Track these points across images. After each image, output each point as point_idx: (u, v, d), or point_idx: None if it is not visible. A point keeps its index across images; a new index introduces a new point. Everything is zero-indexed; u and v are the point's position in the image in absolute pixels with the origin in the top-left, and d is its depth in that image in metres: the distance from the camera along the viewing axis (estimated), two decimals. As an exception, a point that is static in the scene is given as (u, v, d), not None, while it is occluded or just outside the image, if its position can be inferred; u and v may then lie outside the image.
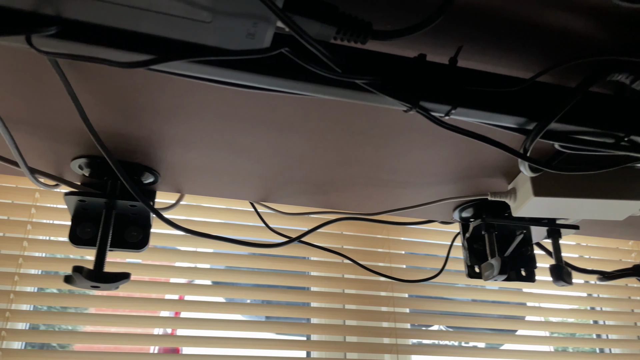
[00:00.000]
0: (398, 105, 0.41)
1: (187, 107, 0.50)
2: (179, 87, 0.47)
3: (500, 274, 0.70)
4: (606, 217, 0.66)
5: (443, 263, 1.14)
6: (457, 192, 0.70)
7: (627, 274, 0.85)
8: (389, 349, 1.02)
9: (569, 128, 0.45)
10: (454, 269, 1.15)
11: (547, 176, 0.61)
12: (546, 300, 1.23)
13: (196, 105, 0.50)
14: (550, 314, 1.22)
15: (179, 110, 0.50)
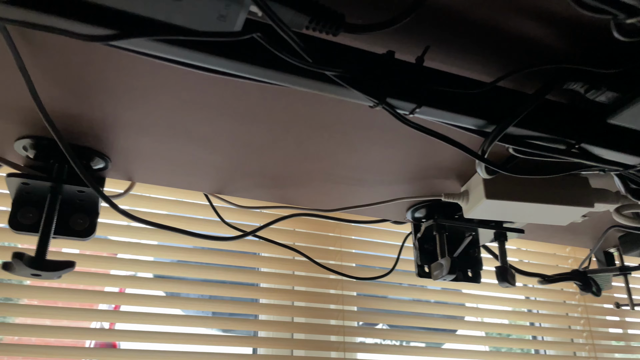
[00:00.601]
0: (365, 100, 0.41)
1: (146, 90, 0.48)
2: (140, 68, 0.45)
3: (449, 274, 0.71)
4: (551, 221, 0.69)
5: (394, 263, 1.15)
6: (412, 192, 0.71)
7: (566, 278, 0.90)
8: (336, 346, 1.03)
9: (525, 132, 0.47)
10: (403, 268, 1.17)
11: (498, 180, 0.63)
12: (485, 302, 1.27)
13: (156, 88, 0.48)
14: (489, 315, 1.27)
15: (137, 92, 0.48)
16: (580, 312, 1.31)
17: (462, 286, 1.28)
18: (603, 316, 1.36)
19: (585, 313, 1.31)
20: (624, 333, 1.38)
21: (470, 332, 1.32)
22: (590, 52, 0.44)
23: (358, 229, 1.15)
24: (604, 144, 0.49)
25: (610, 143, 0.49)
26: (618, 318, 1.38)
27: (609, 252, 0.97)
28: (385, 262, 1.14)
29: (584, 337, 1.29)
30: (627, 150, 0.50)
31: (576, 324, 1.31)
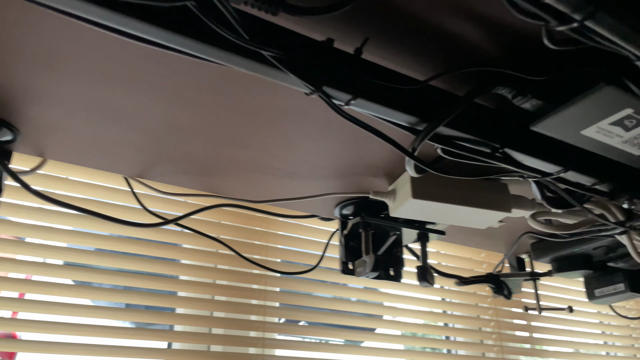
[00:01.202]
0: (301, 86, 0.40)
1: (63, 56, 0.44)
2: (57, 31, 0.41)
3: (372, 271, 0.72)
4: (471, 224, 0.71)
5: (318, 259, 1.15)
6: (341, 189, 0.71)
7: (480, 280, 0.94)
8: (254, 342, 1.01)
9: (453, 133, 0.48)
10: (330, 266, 1.18)
11: (425, 181, 0.65)
12: (404, 302, 1.30)
13: (74, 55, 0.44)
14: (407, 315, 1.30)
15: (53, 58, 0.44)
16: (491, 314, 1.38)
17: (382, 285, 1.30)
18: (511, 319, 1.43)
19: (495, 316, 1.38)
20: (530, 336, 1.47)
21: (388, 331, 1.35)
22: (521, 58, 0.45)
23: (285, 225, 1.14)
24: (525, 150, 0.51)
25: (531, 150, 0.51)
26: (525, 322, 1.46)
27: (521, 258, 1.02)
28: (312, 258, 1.14)
29: (493, 339, 1.36)
30: (547, 158, 0.53)
31: (487, 326, 1.38)
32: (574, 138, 0.50)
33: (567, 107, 0.45)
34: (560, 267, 0.88)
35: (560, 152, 0.54)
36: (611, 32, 0.35)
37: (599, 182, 0.57)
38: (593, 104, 0.45)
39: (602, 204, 0.65)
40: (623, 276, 0.88)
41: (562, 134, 0.49)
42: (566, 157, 0.54)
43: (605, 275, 0.91)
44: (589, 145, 0.51)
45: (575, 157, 0.55)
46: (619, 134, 0.49)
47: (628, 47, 0.37)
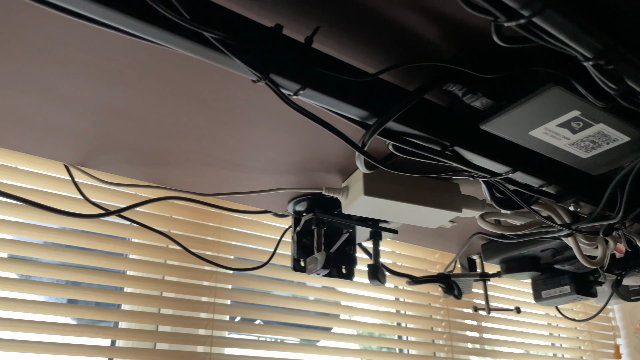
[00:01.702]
0: (247, 72, 0.38)
1: (-7, 31, 0.41)
2: (-16, 2, 0.38)
3: (323, 269, 0.71)
4: (423, 223, 0.71)
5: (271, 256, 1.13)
6: (294, 184, 0.70)
7: (431, 280, 0.94)
8: (203, 340, 0.98)
9: (404, 129, 0.47)
10: (282, 263, 1.16)
11: (377, 178, 0.64)
12: (361, 301, 1.30)
13: (5, 33, 0.41)
14: (363, 314, 1.30)
15: (-19, 32, 0.41)
16: (443, 315, 1.40)
17: (340, 284, 1.30)
18: (462, 320, 1.46)
19: (447, 316, 1.39)
20: (480, 337, 1.49)
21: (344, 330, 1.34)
22: (473, 56, 0.45)
23: (239, 221, 1.12)
24: (475, 149, 0.51)
25: (481, 149, 0.51)
26: (476, 322, 1.49)
27: (472, 259, 1.04)
28: (267, 256, 1.12)
29: (444, 339, 1.37)
30: (496, 158, 0.53)
31: (438, 326, 1.39)
32: (522, 139, 0.50)
33: (515, 107, 0.45)
34: (508, 268, 0.90)
35: (509, 152, 0.54)
36: (559, 30, 0.35)
37: (547, 184, 0.58)
38: (541, 104, 0.45)
39: (549, 206, 0.66)
40: (569, 278, 0.91)
41: (511, 134, 0.50)
42: (515, 157, 0.54)
43: (552, 277, 0.93)
44: (537, 146, 0.52)
45: (523, 158, 0.55)
46: (566, 136, 0.50)
47: (576, 47, 0.37)
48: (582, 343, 1.79)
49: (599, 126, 0.48)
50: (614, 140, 0.51)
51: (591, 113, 0.46)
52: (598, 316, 1.87)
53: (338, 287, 1.32)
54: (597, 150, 0.53)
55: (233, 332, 1.15)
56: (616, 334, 1.90)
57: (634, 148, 0.52)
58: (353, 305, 1.30)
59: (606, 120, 0.48)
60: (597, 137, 0.50)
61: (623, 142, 0.51)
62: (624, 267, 0.88)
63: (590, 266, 0.68)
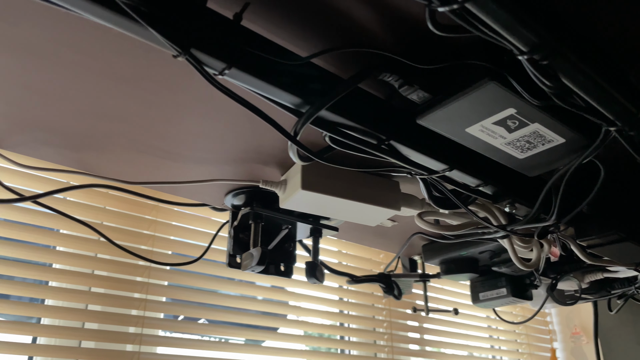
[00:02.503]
0: (166, 46, 0.35)
1: None
2: None
3: (258, 265, 0.68)
4: (362, 220, 0.70)
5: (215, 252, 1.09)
6: (229, 175, 0.67)
7: (371, 280, 0.93)
8: (132, 338, 0.93)
9: (339, 119, 0.45)
10: (224, 260, 1.12)
11: (316, 173, 0.62)
12: (307, 301, 1.28)
13: None
14: (309, 314, 1.28)
15: None
16: (385, 315, 1.39)
17: (290, 284, 1.27)
18: (405, 321, 1.46)
19: (388, 317, 1.39)
20: (421, 338, 1.50)
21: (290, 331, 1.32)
22: (410, 45, 0.43)
23: (177, 215, 1.07)
24: (411, 144, 0.50)
25: (418, 145, 0.50)
26: (417, 323, 1.49)
27: (413, 259, 1.03)
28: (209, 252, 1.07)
29: (385, 340, 1.37)
30: (433, 155, 0.52)
31: (380, 327, 1.39)
32: (458, 135, 0.50)
33: (451, 101, 0.44)
34: (448, 270, 0.90)
35: (447, 150, 0.53)
36: (493, 19, 0.33)
37: (483, 183, 0.57)
38: (477, 100, 0.44)
39: (486, 207, 0.65)
40: (505, 281, 0.92)
41: (447, 130, 0.49)
42: (452, 155, 0.54)
43: (490, 279, 0.94)
44: (474, 144, 0.51)
45: (460, 156, 0.54)
46: (502, 135, 0.49)
47: (511, 39, 0.36)
48: (520, 346, 1.84)
49: (535, 126, 0.48)
50: (549, 141, 0.51)
51: (527, 112, 0.46)
52: (536, 320, 1.93)
53: (288, 287, 1.30)
54: (532, 151, 0.52)
55: (175, 331, 1.11)
56: (553, 338, 1.96)
57: (569, 150, 0.52)
58: (300, 305, 1.27)
59: (541, 120, 0.47)
60: (532, 137, 0.50)
61: (558, 144, 0.51)
62: (559, 271, 0.90)
63: (524, 269, 0.69)
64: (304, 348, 1.30)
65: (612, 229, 0.63)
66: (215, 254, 1.10)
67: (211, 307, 1.08)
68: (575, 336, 1.88)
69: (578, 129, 0.49)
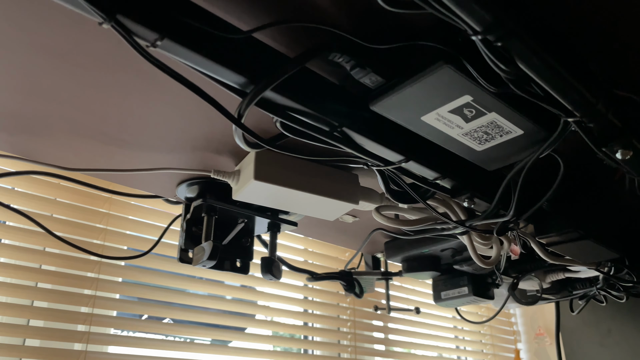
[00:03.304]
0: (91, 12, 0.32)
1: None
2: None
3: (209, 259, 0.65)
4: (319, 214, 0.67)
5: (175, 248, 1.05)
6: (180, 164, 0.63)
7: (332, 277, 0.91)
8: (79, 337, 0.89)
9: (288, 103, 0.43)
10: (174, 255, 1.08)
11: (271, 163, 0.59)
12: (271, 300, 1.25)
13: None
14: (275, 314, 1.25)
15: None
16: (349, 314, 1.37)
17: (258, 284, 1.24)
18: (370, 320, 1.44)
19: (352, 316, 1.37)
20: (386, 338, 1.49)
21: (257, 331, 1.29)
22: (362, 22, 0.41)
23: (133, 208, 1.03)
24: (365, 132, 0.47)
25: (372, 133, 0.48)
26: (382, 323, 1.48)
27: (377, 257, 1.01)
28: (164, 247, 1.03)
29: (348, 339, 1.35)
30: (388, 144, 0.50)
31: (344, 326, 1.37)
32: (414, 124, 0.47)
33: (405, 87, 0.42)
34: (409, 267, 0.88)
35: (403, 140, 0.51)
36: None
37: (441, 177, 0.56)
38: (432, 86, 0.42)
39: (446, 203, 0.64)
40: (467, 280, 0.90)
41: (402, 118, 0.46)
42: (408, 146, 0.51)
43: (452, 278, 0.92)
44: (430, 134, 0.49)
45: (417, 147, 0.52)
46: (459, 125, 0.48)
47: (464, 17, 0.34)
48: (485, 346, 1.84)
49: (492, 115, 0.46)
50: (508, 132, 0.49)
51: (484, 100, 0.44)
52: (500, 321, 1.93)
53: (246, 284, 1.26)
54: (491, 142, 0.51)
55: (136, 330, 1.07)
56: (517, 338, 1.98)
57: (528, 143, 0.51)
58: (269, 304, 1.24)
59: (499, 109, 0.45)
60: (490, 127, 0.48)
61: (517, 136, 0.49)
62: (521, 270, 0.89)
63: (484, 266, 0.67)
64: (269, 348, 1.27)
65: (571, 227, 0.62)
66: (171, 249, 1.06)
67: (166, 305, 1.04)
68: (539, 337, 1.90)
69: (537, 120, 0.48)
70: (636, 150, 0.48)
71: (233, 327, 1.16)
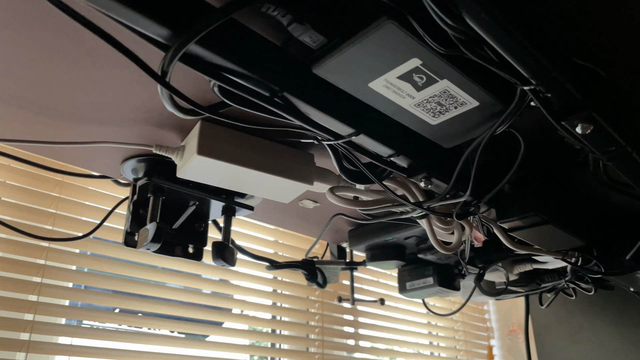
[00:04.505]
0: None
1: None
2: None
3: (153, 242, 0.61)
4: (271, 195, 0.64)
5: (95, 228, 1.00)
6: (120, 138, 0.59)
7: (294, 265, 0.87)
8: (24, 326, 0.84)
9: (223, 63, 0.39)
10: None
11: (218, 138, 0.55)
12: (237, 292, 1.21)
13: None
14: (243, 307, 1.21)
15: None
16: (317, 308, 1.34)
17: (233, 277, 1.20)
18: (341, 314, 1.41)
19: (321, 309, 1.34)
20: (356, 332, 1.46)
21: (234, 325, 1.25)
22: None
23: (87, 193, 0.98)
24: (309, 99, 0.44)
25: (316, 100, 0.44)
26: (352, 317, 1.45)
27: (342, 247, 0.98)
28: (118, 233, 0.99)
29: (316, 333, 1.31)
30: (337, 115, 0.46)
31: (312, 319, 1.33)
32: (362, 92, 0.44)
33: (347, 46, 0.39)
34: (373, 256, 0.85)
35: (353, 111, 0.47)
36: None
37: (396, 153, 0.52)
38: (375, 45, 0.38)
39: (404, 184, 0.61)
40: (433, 270, 0.88)
41: (348, 84, 0.43)
42: (359, 118, 0.48)
43: (418, 268, 0.89)
44: (381, 104, 0.46)
45: (370, 120, 0.49)
46: (410, 94, 0.44)
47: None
48: (458, 342, 1.82)
49: (444, 83, 0.43)
50: (462, 104, 0.46)
51: (434, 65, 0.41)
52: (473, 317, 1.92)
53: (232, 280, 1.23)
54: (445, 115, 0.48)
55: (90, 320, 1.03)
56: (490, 335, 1.96)
57: (485, 117, 0.48)
58: (242, 298, 1.21)
59: (451, 76, 0.42)
60: (443, 97, 0.45)
61: (472, 108, 0.46)
62: (487, 260, 0.87)
63: (443, 252, 0.64)
64: (239, 342, 1.23)
65: (533, 211, 0.59)
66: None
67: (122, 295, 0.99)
68: (512, 334, 1.89)
69: (493, 90, 0.45)
70: (597, 124, 0.45)
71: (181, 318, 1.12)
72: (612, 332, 1.35)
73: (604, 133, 0.46)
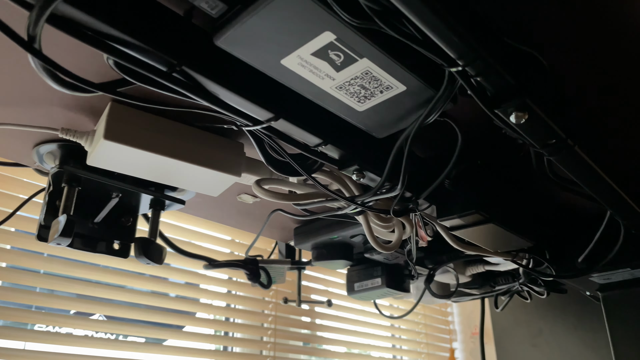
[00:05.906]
0: None
1: None
2: None
3: (63, 236, 0.55)
4: (198, 188, 0.59)
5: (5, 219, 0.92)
6: (22, 120, 0.53)
7: (234, 264, 0.82)
8: None
9: (110, 31, 0.34)
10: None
11: (129, 120, 0.50)
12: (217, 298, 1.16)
13: None
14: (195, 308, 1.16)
15: None
16: (271, 309, 1.29)
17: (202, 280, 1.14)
18: (298, 316, 1.36)
19: (275, 311, 1.29)
20: (313, 334, 1.41)
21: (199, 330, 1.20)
22: None
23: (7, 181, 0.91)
24: (214, 77, 0.39)
25: (222, 78, 0.39)
26: (309, 319, 1.40)
27: (291, 246, 0.93)
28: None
29: (268, 335, 1.26)
30: (249, 96, 0.41)
31: (265, 322, 1.28)
32: (275, 70, 0.39)
33: (248, 14, 0.34)
34: (319, 256, 0.80)
35: (271, 93, 0.43)
36: None
37: (323, 143, 0.48)
38: (279, 14, 0.34)
39: (338, 177, 0.56)
40: (382, 271, 0.84)
41: (258, 60, 0.38)
42: (279, 101, 0.43)
43: (366, 269, 0.85)
44: (298, 85, 0.41)
45: (292, 104, 0.44)
46: (329, 74, 0.40)
47: None
48: (419, 345, 1.80)
49: (365, 63, 0.39)
50: (388, 87, 0.42)
51: (350, 40, 0.36)
52: (436, 319, 1.89)
53: (201, 284, 1.17)
54: (372, 100, 0.43)
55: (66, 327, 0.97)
56: (453, 338, 1.94)
57: (414, 104, 0.44)
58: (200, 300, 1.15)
59: (371, 55, 0.38)
60: (366, 80, 0.41)
61: (399, 93, 0.42)
62: (438, 261, 0.83)
63: (381, 250, 0.60)
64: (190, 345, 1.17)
65: (473, 208, 0.55)
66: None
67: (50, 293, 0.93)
68: (475, 336, 1.87)
69: (420, 73, 0.40)
70: (532, 113, 0.41)
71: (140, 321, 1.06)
72: (571, 336, 1.34)
73: (541, 123, 0.43)
